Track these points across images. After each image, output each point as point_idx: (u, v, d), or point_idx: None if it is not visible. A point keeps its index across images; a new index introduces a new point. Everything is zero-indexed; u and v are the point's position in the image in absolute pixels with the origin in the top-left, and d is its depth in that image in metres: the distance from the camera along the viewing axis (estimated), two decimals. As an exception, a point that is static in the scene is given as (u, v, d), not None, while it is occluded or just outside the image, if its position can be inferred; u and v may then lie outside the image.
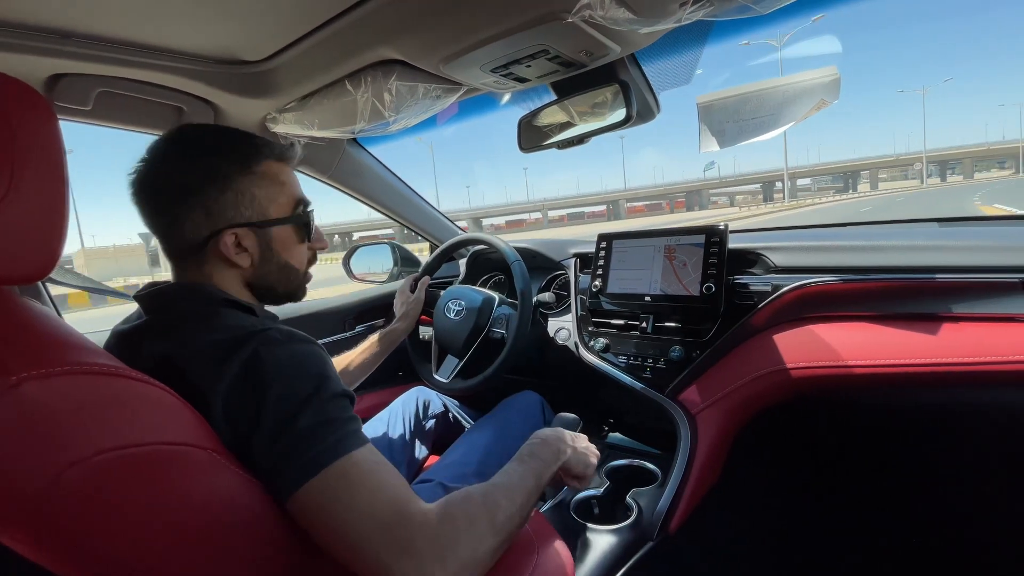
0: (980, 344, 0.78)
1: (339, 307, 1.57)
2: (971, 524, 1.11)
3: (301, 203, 0.67)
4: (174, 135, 0.62)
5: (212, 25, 0.76)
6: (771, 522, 1.22)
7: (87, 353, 0.42)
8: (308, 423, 0.48)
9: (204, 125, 0.65)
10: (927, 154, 78.38)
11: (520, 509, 0.58)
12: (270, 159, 0.63)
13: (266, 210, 0.63)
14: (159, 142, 0.61)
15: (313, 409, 0.49)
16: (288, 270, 0.67)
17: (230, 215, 0.60)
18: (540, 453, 0.69)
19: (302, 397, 0.49)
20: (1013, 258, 0.81)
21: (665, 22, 0.66)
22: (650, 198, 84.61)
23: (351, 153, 1.40)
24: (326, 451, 0.48)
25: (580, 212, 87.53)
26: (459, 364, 1.26)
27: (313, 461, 0.47)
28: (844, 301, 0.91)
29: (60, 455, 0.36)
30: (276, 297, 0.69)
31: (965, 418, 0.89)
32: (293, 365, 0.51)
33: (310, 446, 0.47)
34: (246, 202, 0.61)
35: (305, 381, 0.50)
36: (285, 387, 0.49)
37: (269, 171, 0.63)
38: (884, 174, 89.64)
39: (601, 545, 0.84)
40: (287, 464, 0.47)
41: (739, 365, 0.96)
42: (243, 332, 0.53)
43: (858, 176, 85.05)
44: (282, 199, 0.64)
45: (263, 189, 0.62)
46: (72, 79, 0.82)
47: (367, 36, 0.77)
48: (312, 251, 0.71)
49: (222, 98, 0.96)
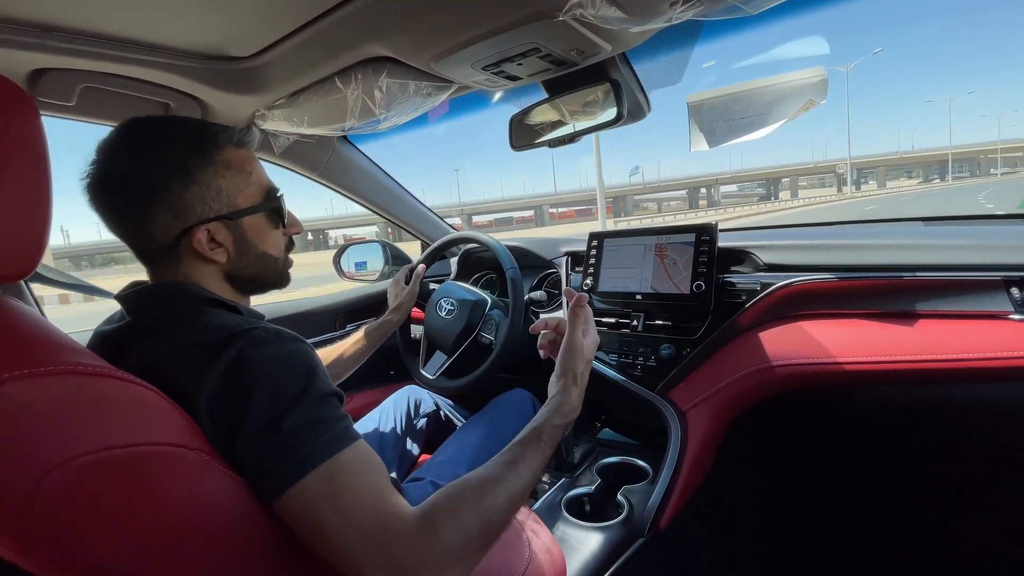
0: (963, 341, 0.79)
1: (329, 306, 1.56)
2: (958, 519, 1.13)
3: (270, 189, 0.65)
4: (124, 132, 0.58)
5: (199, 20, 0.75)
6: (760, 518, 1.23)
7: (71, 353, 0.42)
8: (296, 424, 0.47)
9: (155, 118, 0.61)
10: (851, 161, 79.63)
11: (515, 504, 0.56)
12: (228, 145, 0.61)
13: (235, 201, 0.61)
14: (110, 140, 0.57)
15: (302, 409, 0.48)
16: (266, 259, 0.65)
17: (199, 210, 0.58)
18: (548, 436, 0.63)
19: (290, 397, 0.48)
20: (994, 256, 0.83)
21: (656, 21, 0.66)
22: (577, 203, 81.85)
23: (341, 151, 1.39)
24: (314, 453, 0.47)
25: (508, 217, 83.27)
26: (446, 362, 1.26)
27: (301, 463, 0.46)
28: (832, 299, 0.92)
29: (43, 457, 0.35)
30: (259, 287, 0.68)
31: (950, 414, 0.90)
32: (280, 364, 0.50)
33: (298, 447, 0.47)
34: (212, 195, 0.59)
35: (293, 381, 0.50)
36: (272, 387, 0.48)
37: (231, 159, 0.61)
38: (804, 181, 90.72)
39: (592, 543, 0.84)
40: (275, 465, 0.46)
41: (728, 362, 0.97)
42: (229, 332, 0.52)
43: (779, 183, 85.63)
44: (250, 188, 0.62)
45: (228, 179, 0.60)
46: (55, 74, 0.81)
47: (357, 33, 0.77)
48: (288, 237, 0.70)
49: (210, 94, 0.95)
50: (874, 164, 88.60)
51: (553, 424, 0.64)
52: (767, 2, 0.62)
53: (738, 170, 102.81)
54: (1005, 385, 0.78)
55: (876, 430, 1.10)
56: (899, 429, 1.06)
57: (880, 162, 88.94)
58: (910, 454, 1.11)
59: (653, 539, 0.89)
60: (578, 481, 1.02)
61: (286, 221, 0.68)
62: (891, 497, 1.18)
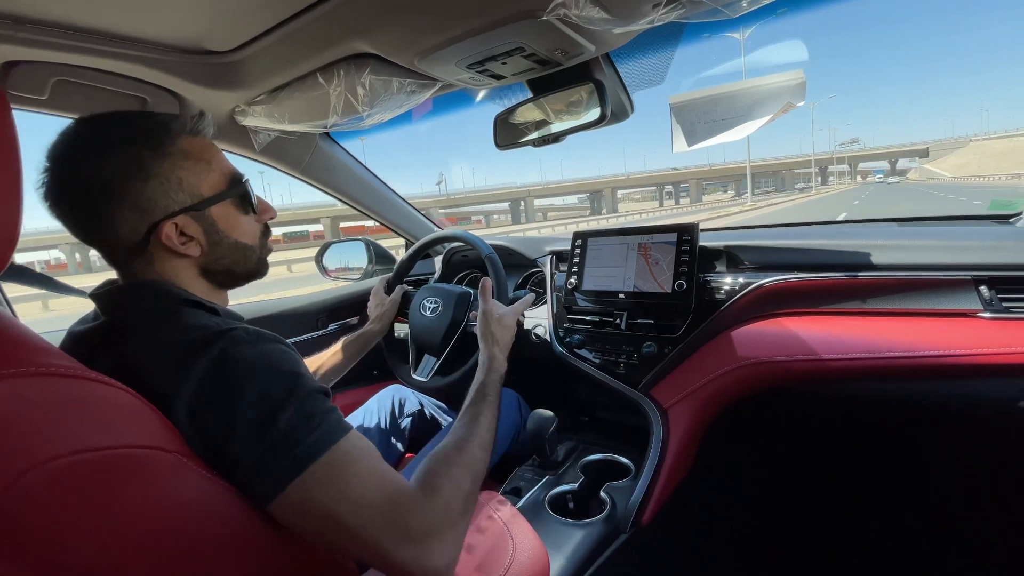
0: (934, 339, 0.81)
1: (311, 305, 1.54)
2: (933, 513, 1.17)
3: (234, 176, 0.63)
4: (72, 134, 0.55)
5: (176, 12, 0.74)
6: (740, 512, 1.25)
7: (43, 354, 0.41)
8: (289, 421, 0.47)
9: (103, 114, 0.58)
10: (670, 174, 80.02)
11: (489, 451, 0.65)
12: (183, 135, 0.59)
13: (198, 191, 0.59)
14: (60, 144, 0.55)
15: (294, 406, 0.48)
16: (241, 248, 0.64)
17: (162, 204, 0.56)
18: (491, 390, 0.78)
19: (279, 396, 0.48)
20: (964, 256, 0.85)
21: (639, 23, 0.67)
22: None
23: (323, 148, 1.38)
24: (312, 445, 0.47)
25: (304, 231, 66.91)
26: (438, 361, 1.25)
27: (300, 457, 0.47)
28: (809, 297, 0.94)
29: (15, 460, 0.35)
30: (237, 279, 0.66)
31: (922, 410, 0.93)
32: (265, 364, 0.50)
33: (296, 443, 0.47)
34: (174, 187, 0.57)
35: (279, 380, 0.50)
36: (260, 388, 0.48)
37: (188, 148, 0.59)
38: (621, 193, 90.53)
39: (576, 539, 0.85)
40: (273, 463, 0.46)
41: (709, 360, 0.98)
42: (208, 332, 0.51)
43: (602, 196, 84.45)
44: (212, 176, 0.60)
45: (187, 169, 0.58)
46: (26, 67, 0.78)
47: (340, 29, 0.76)
48: (262, 223, 0.68)
49: (187, 89, 0.93)
50: (688, 177, 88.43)
51: (491, 380, 0.80)
52: (747, 6, 0.63)
53: (557, 181, 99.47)
54: (975, 381, 0.81)
55: (850, 425, 1.12)
56: (872, 424, 1.09)
57: (694, 174, 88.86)
58: (883, 448, 1.14)
59: (635, 535, 0.90)
60: (562, 479, 1.03)
61: (256, 207, 0.66)
62: (872, 490, 1.21)
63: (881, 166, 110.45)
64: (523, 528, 0.66)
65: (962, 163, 79.40)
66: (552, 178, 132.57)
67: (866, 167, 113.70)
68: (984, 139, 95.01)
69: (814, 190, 65.98)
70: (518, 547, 0.62)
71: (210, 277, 0.63)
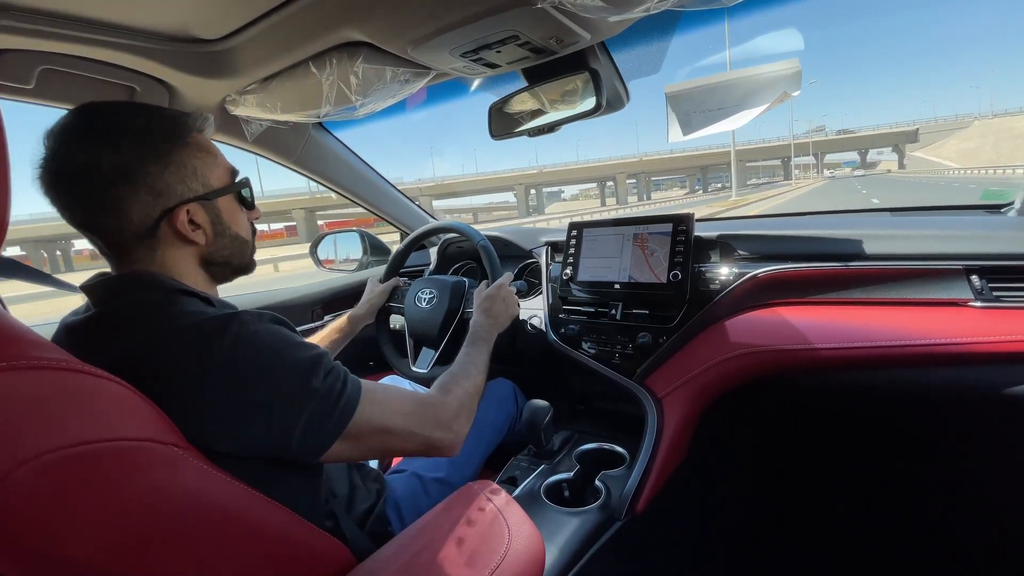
0: (926, 327, 0.82)
1: (305, 296, 1.54)
2: (929, 498, 1.19)
3: (234, 172, 0.66)
4: (86, 118, 0.55)
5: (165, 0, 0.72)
6: (734, 501, 1.27)
7: (35, 347, 0.40)
8: (324, 381, 0.55)
9: (115, 103, 0.60)
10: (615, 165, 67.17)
11: (484, 373, 0.86)
12: (194, 129, 0.62)
13: (209, 181, 0.62)
14: (67, 127, 0.54)
15: (321, 368, 0.56)
16: (239, 242, 0.67)
17: (179, 191, 0.58)
18: (486, 335, 0.96)
19: (306, 365, 0.55)
20: (956, 246, 0.86)
21: (634, 10, 0.66)
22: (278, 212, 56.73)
23: (316, 138, 1.36)
24: (350, 394, 0.57)
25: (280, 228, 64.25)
26: (438, 351, 1.25)
27: (348, 406, 0.56)
28: (803, 287, 0.95)
29: (9, 454, 0.34)
30: (232, 271, 0.68)
31: (913, 398, 0.94)
32: (280, 340, 0.55)
33: (340, 395, 0.56)
34: (189, 175, 0.59)
35: (298, 351, 0.56)
36: (284, 362, 0.53)
37: (199, 141, 0.62)
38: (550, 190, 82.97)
39: (571, 527, 0.86)
40: (328, 416, 0.54)
41: (704, 350, 0.99)
42: (215, 319, 0.52)
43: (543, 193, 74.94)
44: (218, 170, 0.63)
45: (201, 160, 0.61)
46: (12, 55, 0.77)
47: (332, 16, 0.75)
48: (250, 221, 0.71)
49: (177, 78, 0.92)
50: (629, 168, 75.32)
51: (484, 328, 0.98)
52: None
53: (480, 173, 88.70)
54: (965, 369, 0.82)
55: (842, 414, 1.14)
56: (864, 412, 1.10)
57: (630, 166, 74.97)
58: (874, 435, 1.16)
59: (630, 522, 0.91)
60: (557, 468, 1.03)
61: (252, 204, 0.70)
62: (863, 479, 1.23)
63: (851, 157, 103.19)
64: (519, 516, 0.67)
65: (971, 148, 65.54)
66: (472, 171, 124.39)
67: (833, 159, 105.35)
68: (994, 117, 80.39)
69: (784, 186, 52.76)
70: (514, 535, 0.62)
71: (208, 267, 0.64)
